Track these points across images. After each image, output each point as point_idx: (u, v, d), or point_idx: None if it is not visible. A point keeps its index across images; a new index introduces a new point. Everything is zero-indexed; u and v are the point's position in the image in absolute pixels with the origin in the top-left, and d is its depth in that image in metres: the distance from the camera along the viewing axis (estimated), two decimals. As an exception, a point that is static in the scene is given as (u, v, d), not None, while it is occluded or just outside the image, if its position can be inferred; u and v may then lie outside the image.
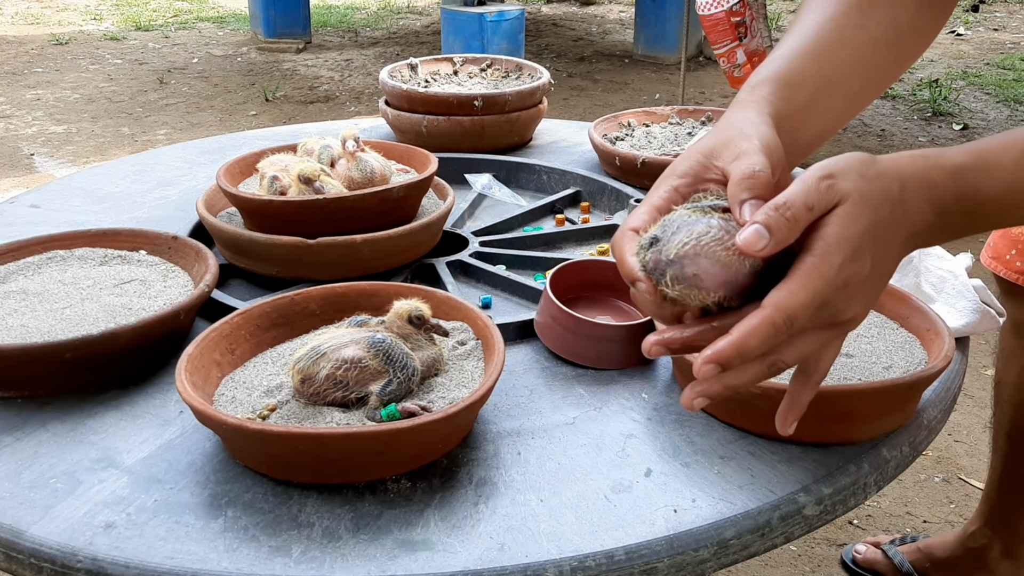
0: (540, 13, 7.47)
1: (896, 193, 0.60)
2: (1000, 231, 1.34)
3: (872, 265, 0.58)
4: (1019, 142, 0.61)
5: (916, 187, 0.61)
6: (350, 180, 1.09)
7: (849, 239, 0.57)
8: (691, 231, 0.58)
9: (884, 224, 0.58)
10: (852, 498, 0.75)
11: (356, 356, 0.76)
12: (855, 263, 0.57)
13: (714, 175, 0.63)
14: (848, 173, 0.59)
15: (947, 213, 0.62)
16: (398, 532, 0.68)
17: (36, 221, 1.22)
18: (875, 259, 0.58)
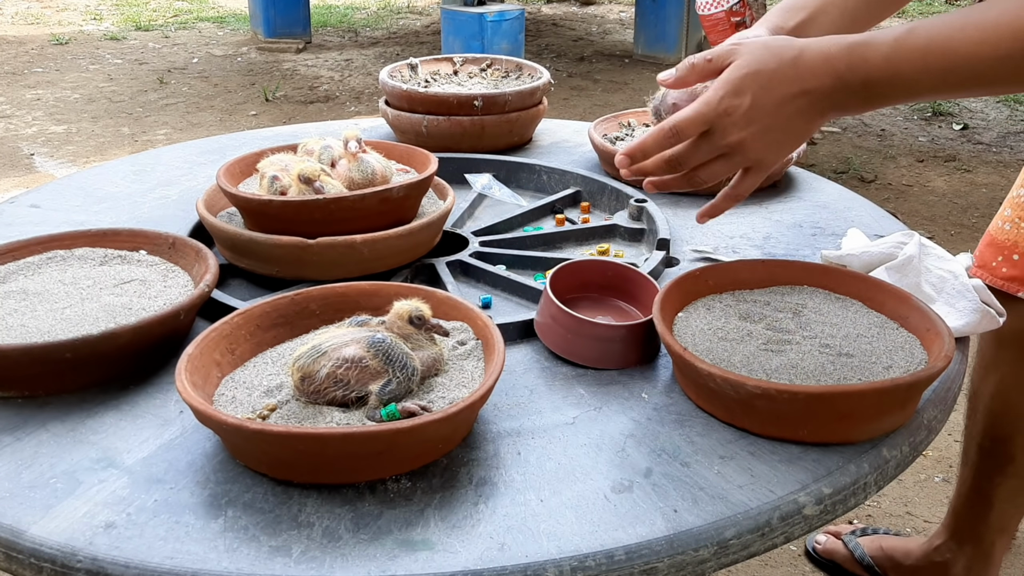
0: (540, 13, 7.47)
1: (789, 55, 0.77)
2: (986, 240, 1.33)
3: (752, 102, 0.76)
4: (904, 25, 0.75)
5: (813, 54, 0.77)
6: (351, 181, 1.09)
7: (731, 79, 0.77)
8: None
9: (767, 73, 0.76)
10: (852, 498, 0.75)
11: (356, 355, 0.77)
12: (735, 98, 0.77)
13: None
14: (754, 41, 0.79)
15: (841, 78, 0.76)
16: (398, 532, 0.68)
17: (36, 221, 1.22)
18: (755, 98, 0.77)
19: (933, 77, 0.75)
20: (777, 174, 1.34)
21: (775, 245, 1.16)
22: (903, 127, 4.48)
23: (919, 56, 0.74)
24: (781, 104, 0.77)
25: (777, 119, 0.78)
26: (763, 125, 0.78)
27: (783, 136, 0.79)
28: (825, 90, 0.77)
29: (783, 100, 0.77)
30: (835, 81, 0.77)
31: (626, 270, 1.00)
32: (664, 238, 1.13)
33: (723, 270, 0.97)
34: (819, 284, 0.96)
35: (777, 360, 0.84)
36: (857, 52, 0.76)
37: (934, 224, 3.33)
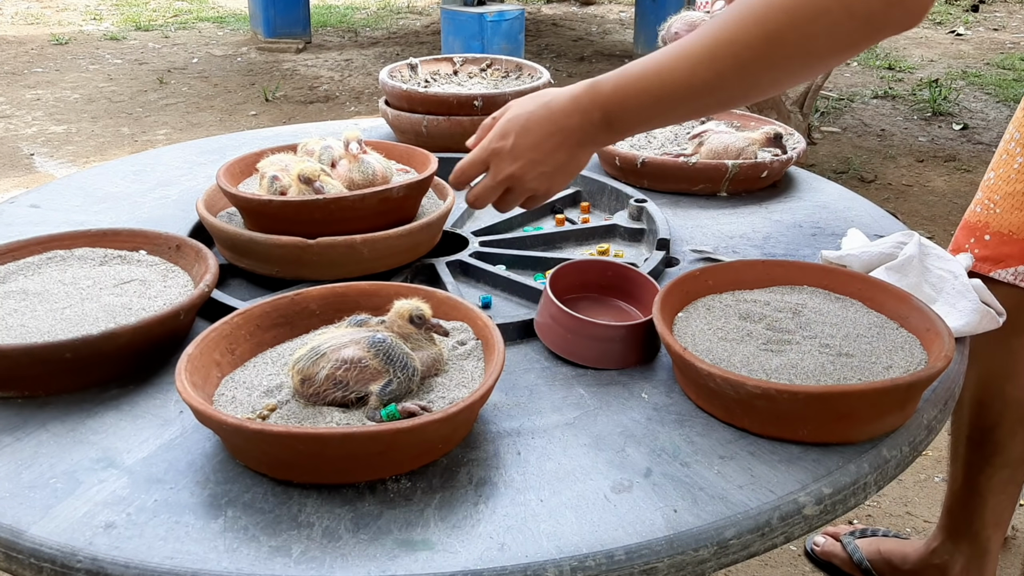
0: (540, 13, 7.47)
1: (544, 100, 0.90)
2: (960, 225, 1.35)
3: (514, 142, 0.90)
4: (634, 64, 0.85)
5: (563, 97, 0.89)
6: (351, 181, 1.09)
7: (499, 126, 0.92)
8: None
9: (524, 116, 0.90)
10: (852, 498, 0.75)
11: (356, 356, 0.76)
12: (500, 140, 0.91)
13: None
14: (521, 98, 0.93)
15: (586, 113, 0.87)
16: (398, 532, 0.68)
17: (36, 221, 1.22)
18: (517, 138, 0.90)
19: (654, 98, 0.84)
20: (777, 174, 1.34)
21: (775, 245, 1.16)
22: (903, 127, 4.48)
23: (636, 80, 0.84)
24: (539, 143, 0.90)
25: (538, 155, 0.90)
26: (527, 160, 0.91)
27: (550, 169, 0.91)
28: (574, 126, 0.89)
29: (540, 139, 0.90)
30: (581, 117, 0.88)
31: (626, 270, 1.00)
32: (664, 238, 1.13)
33: (723, 270, 0.97)
34: (819, 284, 0.97)
35: (777, 360, 0.84)
36: (594, 88, 0.87)
37: (934, 224, 3.33)
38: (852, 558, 1.64)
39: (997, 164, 1.31)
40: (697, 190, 1.32)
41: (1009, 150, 1.29)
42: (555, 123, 0.89)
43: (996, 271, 1.27)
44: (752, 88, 0.81)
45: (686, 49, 0.81)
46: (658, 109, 0.85)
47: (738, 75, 0.80)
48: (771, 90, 0.82)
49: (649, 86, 0.84)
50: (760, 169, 1.30)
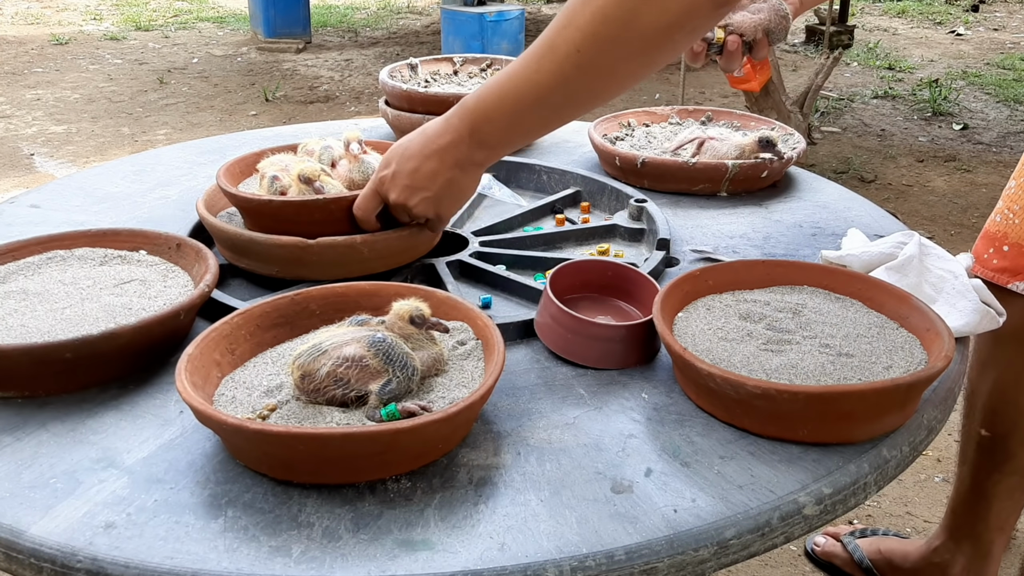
0: (540, 13, 7.47)
1: (422, 127, 0.93)
2: (981, 233, 1.35)
3: (395, 169, 0.94)
4: (496, 74, 0.87)
5: (437, 121, 0.91)
6: (351, 181, 1.09)
7: (383, 160, 0.97)
8: None
9: (403, 144, 0.94)
10: (852, 498, 0.75)
11: (357, 354, 0.77)
12: (384, 169, 0.96)
13: None
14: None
15: (456, 131, 0.89)
16: (398, 532, 0.68)
17: (36, 221, 1.22)
18: (398, 165, 0.94)
19: (509, 104, 0.85)
20: (777, 174, 1.34)
21: (775, 245, 1.16)
22: (903, 127, 4.48)
23: (494, 89, 0.85)
24: (417, 168, 0.92)
25: (417, 180, 0.93)
26: (406, 187, 0.94)
27: (432, 194, 0.94)
28: (446, 146, 0.90)
29: (418, 163, 0.92)
30: (452, 136, 0.90)
31: (626, 270, 1.00)
32: (664, 238, 1.13)
33: (723, 270, 0.97)
34: (819, 284, 0.97)
35: (777, 360, 0.84)
36: (462, 105, 0.89)
37: (934, 224, 3.33)
38: (853, 557, 1.64)
39: (1019, 173, 1.30)
40: (697, 190, 1.32)
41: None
42: (429, 146, 0.91)
43: (1014, 283, 1.27)
44: (597, 78, 0.80)
45: (530, 48, 0.82)
46: (517, 115, 0.85)
47: (575, 64, 0.79)
48: (618, 81, 0.81)
49: (503, 92, 0.84)
50: (760, 169, 1.30)
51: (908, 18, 7.38)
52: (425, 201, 0.94)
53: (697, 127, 1.49)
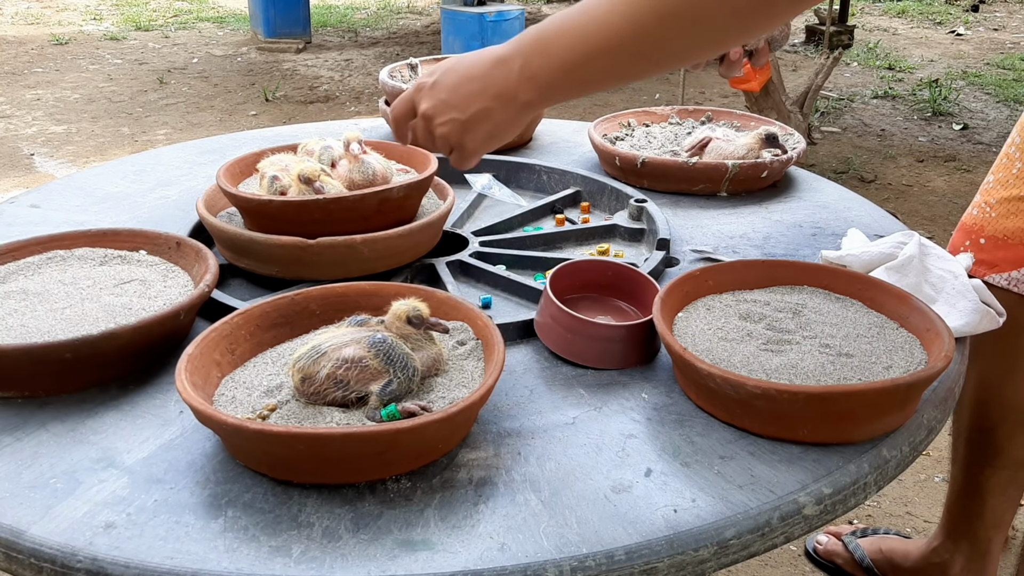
0: (540, 13, 7.47)
1: (482, 50, 0.86)
2: (958, 227, 1.36)
3: (437, 79, 0.87)
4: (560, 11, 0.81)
5: (493, 48, 0.84)
6: (351, 181, 1.09)
7: (431, 68, 0.90)
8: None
9: (453, 60, 0.87)
10: (852, 498, 0.75)
11: (356, 355, 0.76)
12: (427, 77, 0.88)
13: None
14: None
15: (504, 62, 0.82)
16: (398, 532, 0.68)
17: (36, 221, 1.22)
18: (440, 76, 0.86)
19: (572, 43, 0.77)
20: (777, 174, 1.34)
21: (775, 245, 1.16)
22: (903, 127, 4.48)
23: (556, 25, 0.79)
24: (458, 84, 0.85)
25: (454, 97, 0.86)
26: (441, 100, 0.86)
27: (463, 116, 0.85)
28: (494, 75, 0.83)
29: (460, 81, 0.85)
30: (503, 66, 0.82)
31: (626, 270, 1.00)
32: (664, 238, 1.13)
33: (723, 270, 0.97)
34: (819, 284, 0.97)
35: (777, 360, 0.84)
36: (519, 37, 0.83)
37: (934, 224, 3.33)
38: (854, 556, 1.64)
39: (997, 168, 1.31)
40: (697, 190, 1.32)
41: (1010, 154, 1.29)
42: (477, 67, 0.85)
43: (990, 275, 1.27)
44: (677, 33, 0.74)
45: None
46: (576, 56, 0.78)
47: (654, 11, 0.72)
48: (698, 46, 0.75)
49: (566, 27, 0.78)
50: (760, 169, 1.30)
51: (908, 18, 7.38)
52: (452, 123, 0.86)
53: (706, 129, 1.49)
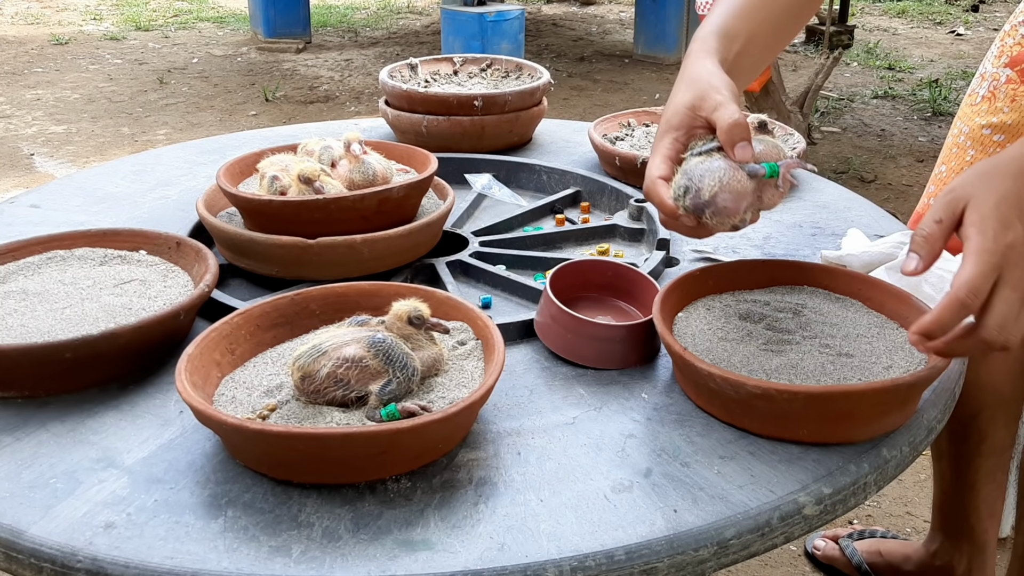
0: (540, 13, 7.47)
1: (1016, 168, 0.71)
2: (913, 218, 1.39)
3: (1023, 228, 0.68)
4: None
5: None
6: (351, 182, 1.09)
7: (987, 216, 0.68)
8: (713, 176, 0.80)
9: (1015, 194, 0.69)
10: (852, 498, 0.75)
11: (357, 355, 0.76)
12: (1007, 231, 0.68)
13: (700, 124, 0.84)
14: (965, 179, 0.72)
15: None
16: (398, 532, 0.68)
17: (36, 221, 1.22)
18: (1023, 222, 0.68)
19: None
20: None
21: (775, 245, 1.16)
22: (903, 127, 4.48)
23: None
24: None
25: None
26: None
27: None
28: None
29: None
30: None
31: (626, 270, 1.00)
32: (664, 238, 1.13)
33: (723, 270, 0.97)
34: (819, 284, 0.97)
35: (777, 360, 0.84)
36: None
37: (934, 224, 3.33)
38: (851, 561, 1.64)
39: (948, 158, 1.34)
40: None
41: (960, 143, 1.31)
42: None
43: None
44: None
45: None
46: None
47: None
48: None
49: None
50: (760, 169, 1.30)
51: (908, 18, 7.38)
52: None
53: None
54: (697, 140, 0.84)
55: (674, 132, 0.85)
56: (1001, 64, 1.28)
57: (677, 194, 0.81)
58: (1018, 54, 1.25)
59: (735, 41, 0.93)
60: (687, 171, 0.81)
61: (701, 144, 0.83)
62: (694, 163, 0.81)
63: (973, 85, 1.33)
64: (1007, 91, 1.26)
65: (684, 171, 0.82)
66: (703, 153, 0.82)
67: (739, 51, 0.94)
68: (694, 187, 0.80)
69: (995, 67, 1.28)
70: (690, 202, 0.80)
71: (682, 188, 0.81)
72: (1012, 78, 1.25)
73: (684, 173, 0.81)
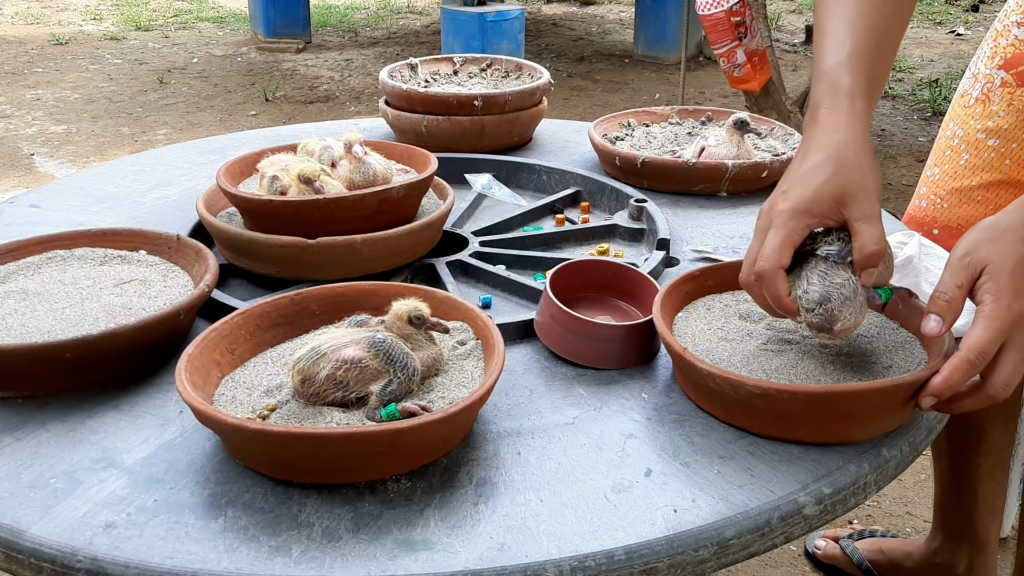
0: (540, 13, 7.47)
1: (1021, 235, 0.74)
2: (905, 219, 1.39)
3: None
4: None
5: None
6: (351, 182, 1.09)
7: (1005, 286, 0.72)
8: (853, 305, 0.78)
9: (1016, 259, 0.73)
10: (852, 498, 0.75)
11: (356, 356, 0.76)
12: (1019, 299, 0.72)
13: (837, 219, 0.79)
14: (979, 242, 0.75)
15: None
16: (398, 532, 0.68)
17: (36, 221, 1.22)
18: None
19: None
20: (777, 174, 1.34)
21: (775, 245, 1.16)
22: (903, 127, 4.48)
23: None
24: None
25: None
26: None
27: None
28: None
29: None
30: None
31: (626, 270, 1.00)
32: (664, 238, 1.13)
33: (723, 270, 0.97)
34: (819, 284, 0.96)
35: (777, 360, 0.84)
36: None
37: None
38: (852, 560, 1.64)
39: (941, 160, 1.33)
40: (697, 190, 1.32)
41: (953, 147, 1.31)
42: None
43: None
44: None
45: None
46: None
47: None
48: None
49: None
50: (760, 169, 1.30)
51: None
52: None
53: (699, 139, 1.49)
54: (825, 236, 0.80)
55: (810, 219, 0.79)
56: (995, 66, 1.26)
57: (807, 303, 0.78)
58: (1013, 56, 1.24)
59: (877, 89, 0.86)
60: (822, 281, 0.78)
61: (833, 247, 0.79)
62: (828, 278, 0.78)
63: (964, 85, 1.32)
64: (1003, 95, 1.25)
65: (817, 278, 0.78)
66: (841, 265, 0.78)
67: (876, 96, 0.88)
68: (832, 308, 0.77)
69: (988, 68, 1.27)
70: (820, 319, 0.78)
71: (814, 301, 0.78)
72: (1008, 81, 1.24)
73: (819, 283, 0.78)
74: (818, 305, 0.78)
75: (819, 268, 0.79)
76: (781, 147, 1.39)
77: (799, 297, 0.79)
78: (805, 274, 0.79)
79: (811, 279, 0.79)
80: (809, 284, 0.78)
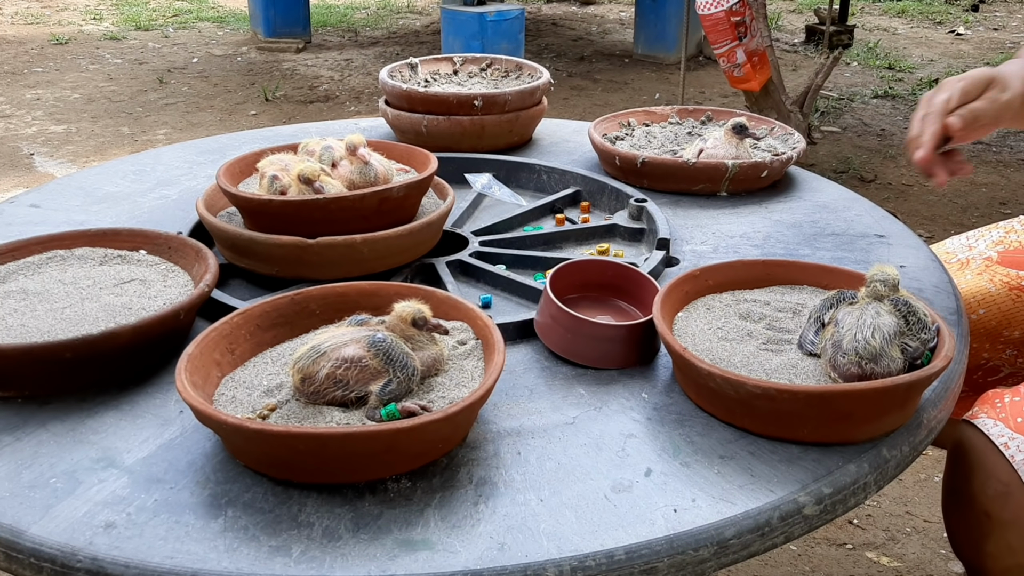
0: (540, 13, 7.46)
1: None
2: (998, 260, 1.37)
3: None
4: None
5: None
6: (351, 182, 1.08)
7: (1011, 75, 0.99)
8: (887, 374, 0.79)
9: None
10: (852, 498, 0.75)
11: (356, 355, 0.76)
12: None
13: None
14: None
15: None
16: (398, 532, 0.68)
17: (36, 221, 1.22)
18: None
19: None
20: (777, 174, 1.34)
21: (775, 245, 1.16)
22: (903, 127, 4.48)
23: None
24: None
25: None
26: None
27: None
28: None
29: None
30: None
31: (626, 270, 1.00)
32: (664, 238, 1.13)
33: (723, 270, 0.97)
34: (819, 284, 0.96)
35: (777, 360, 0.84)
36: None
37: (934, 224, 3.33)
38: None
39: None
40: (697, 190, 1.32)
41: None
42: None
43: None
44: None
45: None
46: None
47: None
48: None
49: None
50: (760, 169, 1.30)
51: (908, 18, 7.38)
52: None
53: (698, 140, 1.49)
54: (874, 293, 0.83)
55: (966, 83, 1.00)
56: (994, 246, 1.26)
57: (859, 349, 0.79)
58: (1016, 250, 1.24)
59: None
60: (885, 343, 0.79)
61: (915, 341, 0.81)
62: (891, 343, 0.79)
63: (952, 247, 1.30)
64: (982, 265, 1.24)
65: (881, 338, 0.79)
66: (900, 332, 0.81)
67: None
68: (872, 369, 0.79)
69: (986, 245, 1.26)
70: (857, 369, 0.79)
71: (868, 353, 0.79)
72: (992, 259, 1.24)
73: (879, 341, 0.79)
74: (867, 361, 0.79)
75: (886, 323, 0.80)
76: (781, 147, 1.39)
77: (854, 337, 0.80)
78: (871, 319, 0.80)
79: (875, 332, 0.80)
80: (874, 332, 0.79)
